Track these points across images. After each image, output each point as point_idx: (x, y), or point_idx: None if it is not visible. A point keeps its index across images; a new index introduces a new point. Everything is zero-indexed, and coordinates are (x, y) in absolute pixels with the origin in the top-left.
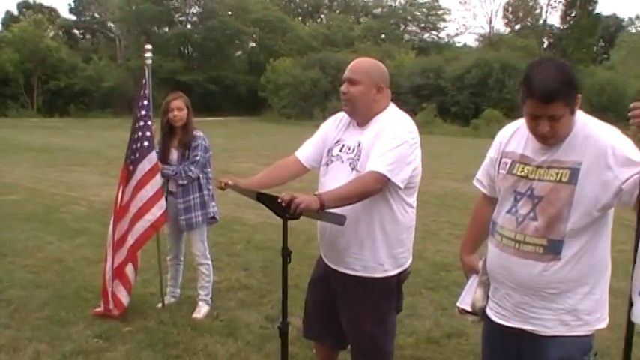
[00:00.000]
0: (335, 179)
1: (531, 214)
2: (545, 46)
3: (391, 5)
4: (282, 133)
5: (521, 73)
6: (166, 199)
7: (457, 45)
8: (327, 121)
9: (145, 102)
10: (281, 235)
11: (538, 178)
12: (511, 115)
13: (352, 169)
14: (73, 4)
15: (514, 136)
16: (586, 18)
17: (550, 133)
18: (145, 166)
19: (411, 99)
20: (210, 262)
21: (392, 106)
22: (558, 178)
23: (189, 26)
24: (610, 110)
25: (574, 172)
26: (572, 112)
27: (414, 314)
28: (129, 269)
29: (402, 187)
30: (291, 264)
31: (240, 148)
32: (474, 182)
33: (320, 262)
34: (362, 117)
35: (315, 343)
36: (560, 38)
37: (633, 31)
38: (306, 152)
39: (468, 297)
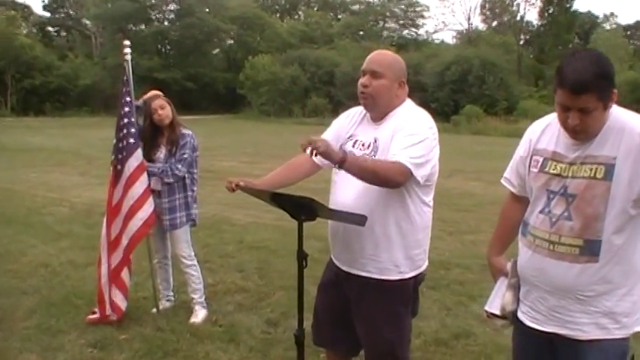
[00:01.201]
0: (349, 176)
1: (566, 214)
2: (522, 42)
3: (369, 2)
4: (262, 131)
5: (501, 69)
6: None
7: (436, 42)
8: (339, 117)
9: (128, 99)
10: (274, 235)
11: (572, 176)
12: (491, 111)
13: None
14: (46, 1)
15: (545, 132)
16: (563, 14)
17: (580, 127)
18: (132, 163)
19: None
20: (197, 263)
21: (408, 101)
22: (593, 174)
23: (166, 23)
24: None
25: (609, 168)
26: (606, 107)
27: (419, 315)
28: (124, 272)
29: (421, 182)
30: (284, 265)
31: (220, 147)
32: (502, 181)
33: (331, 265)
34: (380, 112)
35: (327, 350)
36: (537, 35)
37: (608, 27)
38: None
39: (497, 300)
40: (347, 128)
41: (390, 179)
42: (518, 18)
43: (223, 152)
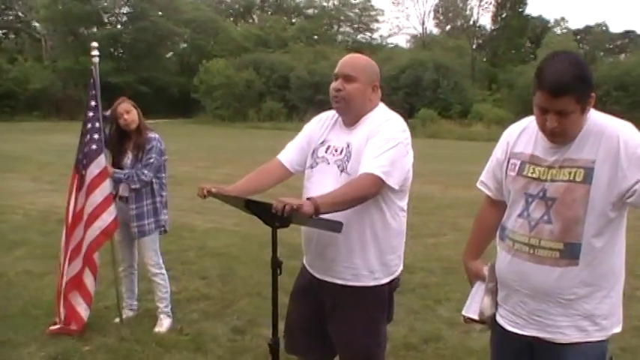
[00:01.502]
0: (321, 182)
1: (545, 217)
2: (475, 46)
3: (324, 6)
4: (217, 135)
5: (455, 73)
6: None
7: (390, 46)
8: (310, 121)
9: (93, 103)
10: (235, 241)
11: (550, 179)
12: (445, 114)
13: (341, 171)
14: None
15: (522, 135)
16: (516, 19)
17: (558, 129)
18: (93, 169)
19: None
20: (164, 271)
21: (381, 105)
22: (572, 178)
23: (119, 26)
24: None
25: (588, 171)
26: (584, 111)
27: None
28: (88, 280)
29: (396, 188)
30: (248, 272)
31: (175, 151)
32: (478, 185)
33: (304, 273)
34: (353, 116)
35: (300, 358)
36: (490, 39)
37: (559, 32)
38: (289, 155)
39: (475, 305)
40: (319, 133)
41: (365, 195)
42: (471, 22)
43: (178, 157)
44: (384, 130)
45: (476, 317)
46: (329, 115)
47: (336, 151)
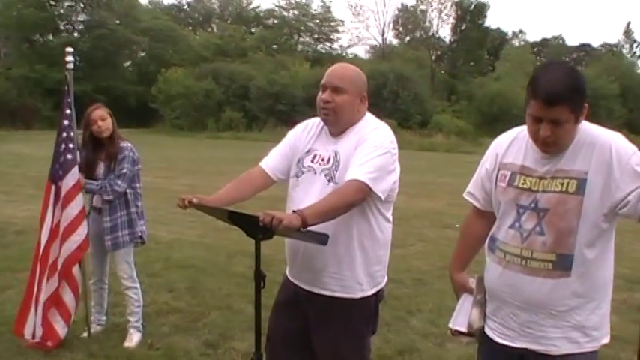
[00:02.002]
0: (307, 192)
1: (537, 228)
2: (434, 57)
3: (284, 16)
4: (176, 145)
5: (415, 83)
6: (88, 215)
7: (350, 56)
8: (295, 128)
9: (68, 111)
10: (200, 252)
11: (542, 190)
12: (406, 125)
13: (329, 180)
14: None
15: (511, 146)
16: (476, 30)
17: (551, 139)
18: (69, 181)
19: (306, 110)
20: (138, 285)
21: (369, 114)
22: (564, 189)
23: (75, 34)
24: (501, 120)
25: (581, 182)
26: (577, 121)
27: None
28: (67, 297)
29: (382, 198)
30: (216, 284)
31: None
32: (465, 196)
33: (287, 284)
34: (341, 127)
35: None
36: (450, 50)
37: (517, 44)
38: (272, 162)
39: (462, 317)
40: (305, 141)
41: (352, 202)
42: (431, 33)
43: None
44: (372, 138)
45: (464, 330)
46: (314, 123)
47: (322, 160)
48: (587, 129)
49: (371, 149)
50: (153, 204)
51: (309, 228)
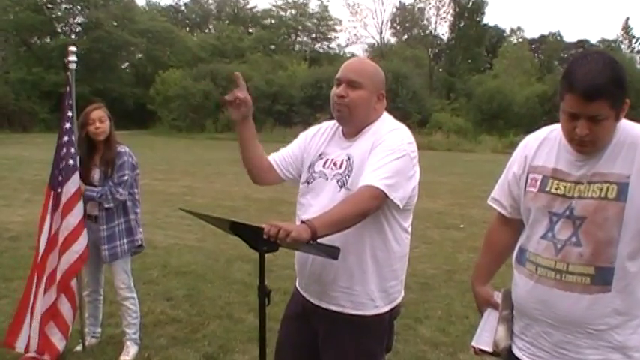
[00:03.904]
0: (318, 199)
1: (573, 239)
2: (432, 55)
3: (281, 16)
4: (174, 147)
5: (413, 82)
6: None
7: (348, 55)
8: (308, 130)
9: (70, 114)
10: (199, 258)
11: (578, 196)
12: (404, 123)
13: (341, 186)
14: None
15: (541, 147)
16: (474, 28)
17: (589, 137)
18: (70, 188)
19: (304, 109)
20: (135, 295)
21: (386, 114)
22: (603, 195)
23: (73, 37)
24: (500, 117)
25: (622, 187)
26: (617, 118)
27: None
28: (64, 308)
29: (400, 206)
30: (216, 291)
31: None
32: (490, 202)
33: (297, 297)
34: (356, 126)
35: None
36: (448, 48)
37: (515, 41)
38: (280, 158)
39: (486, 335)
40: (317, 145)
41: (366, 210)
42: (429, 31)
43: None
44: (389, 140)
45: (489, 349)
46: (329, 126)
47: (335, 165)
48: (628, 127)
49: (387, 152)
50: (150, 207)
51: (319, 239)
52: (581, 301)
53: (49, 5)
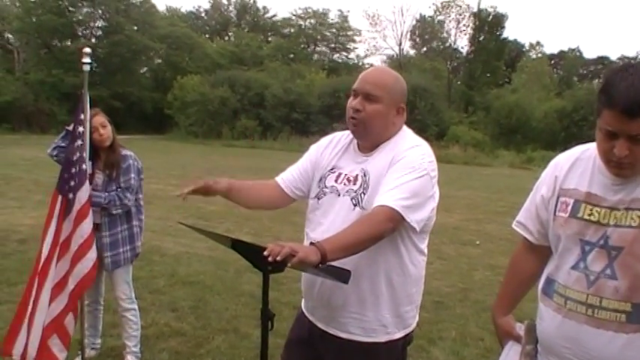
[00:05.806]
0: (328, 217)
1: (608, 271)
2: (450, 68)
3: (301, 25)
4: (190, 152)
5: (431, 94)
6: None
7: (366, 66)
8: (319, 142)
9: (82, 116)
10: (209, 268)
11: (614, 224)
12: (422, 136)
13: (355, 205)
14: None
15: (573, 168)
16: (494, 42)
17: (628, 159)
18: (83, 194)
19: (321, 119)
20: (136, 306)
21: (405, 128)
22: None
23: (93, 40)
24: (519, 132)
25: None
26: None
27: None
28: (68, 319)
29: (417, 229)
30: (223, 304)
31: (147, 168)
32: (514, 226)
33: (302, 319)
34: (372, 141)
35: None
36: (467, 61)
37: (534, 56)
38: (288, 176)
39: None
40: (329, 157)
41: (380, 233)
42: (448, 44)
43: (150, 174)
44: (408, 157)
45: None
46: (342, 137)
47: (349, 180)
48: None
49: (406, 170)
50: (162, 213)
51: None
52: (615, 341)
53: (70, 8)
